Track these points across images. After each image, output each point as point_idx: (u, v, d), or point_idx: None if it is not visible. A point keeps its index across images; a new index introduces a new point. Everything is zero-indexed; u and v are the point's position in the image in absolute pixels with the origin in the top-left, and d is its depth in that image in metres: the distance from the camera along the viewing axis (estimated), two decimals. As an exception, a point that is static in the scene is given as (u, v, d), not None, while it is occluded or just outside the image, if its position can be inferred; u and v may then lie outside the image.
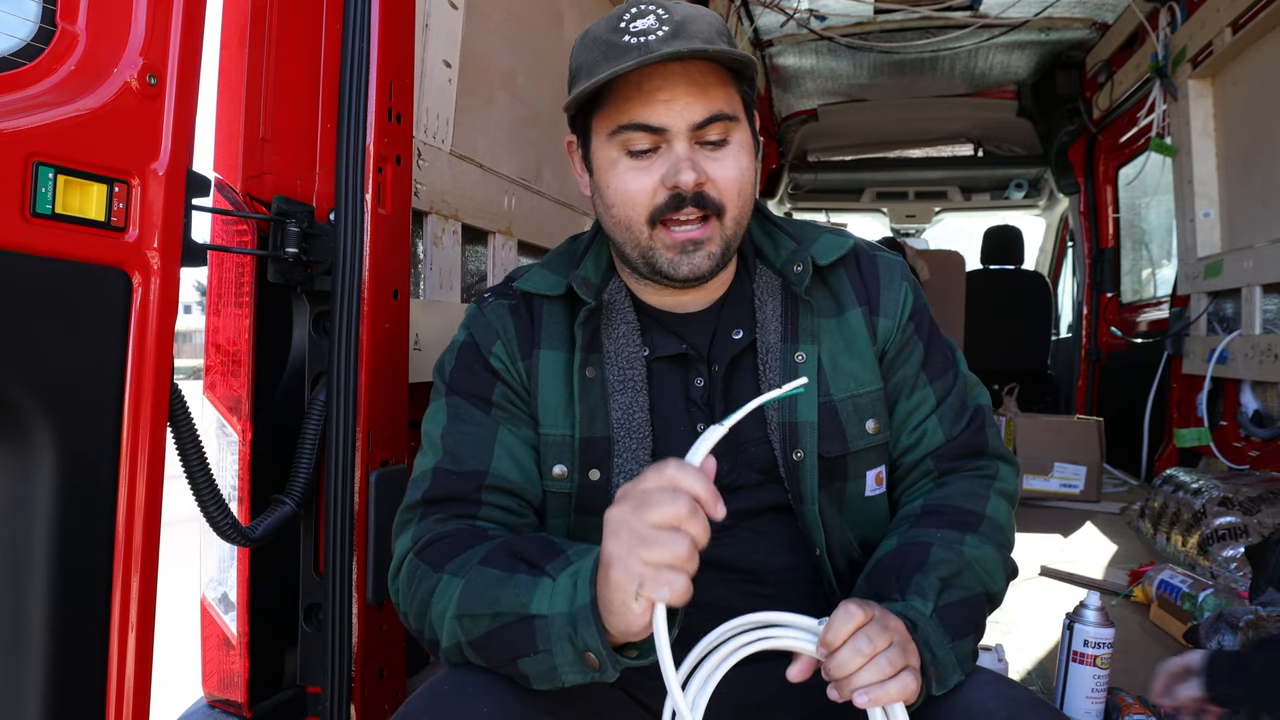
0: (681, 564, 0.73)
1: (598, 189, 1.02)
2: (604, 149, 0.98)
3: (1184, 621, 1.80)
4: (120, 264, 0.88)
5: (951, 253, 4.53)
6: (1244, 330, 2.87)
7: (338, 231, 1.22)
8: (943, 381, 1.09)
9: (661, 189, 0.96)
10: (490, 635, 0.85)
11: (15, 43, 0.82)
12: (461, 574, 0.89)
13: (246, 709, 1.23)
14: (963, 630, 0.91)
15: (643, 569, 0.73)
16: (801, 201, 6.27)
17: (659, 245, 0.98)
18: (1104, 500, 3.32)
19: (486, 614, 0.85)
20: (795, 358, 1.03)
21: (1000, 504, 1.04)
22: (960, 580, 0.95)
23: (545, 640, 0.81)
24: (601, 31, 0.97)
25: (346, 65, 1.24)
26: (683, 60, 0.93)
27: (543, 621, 0.81)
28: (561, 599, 0.81)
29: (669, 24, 0.93)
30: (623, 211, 0.98)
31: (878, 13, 3.84)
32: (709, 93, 0.95)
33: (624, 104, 0.95)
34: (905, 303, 1.09)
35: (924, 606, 0.91)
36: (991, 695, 0.85)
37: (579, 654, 0.80)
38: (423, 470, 1.02)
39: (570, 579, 0.82)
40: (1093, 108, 4.37)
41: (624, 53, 0.92)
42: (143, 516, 0.91)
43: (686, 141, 0.95)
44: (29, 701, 0.83)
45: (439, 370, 1.08)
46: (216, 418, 1.23)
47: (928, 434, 1.07)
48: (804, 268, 1.05)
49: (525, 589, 0.84)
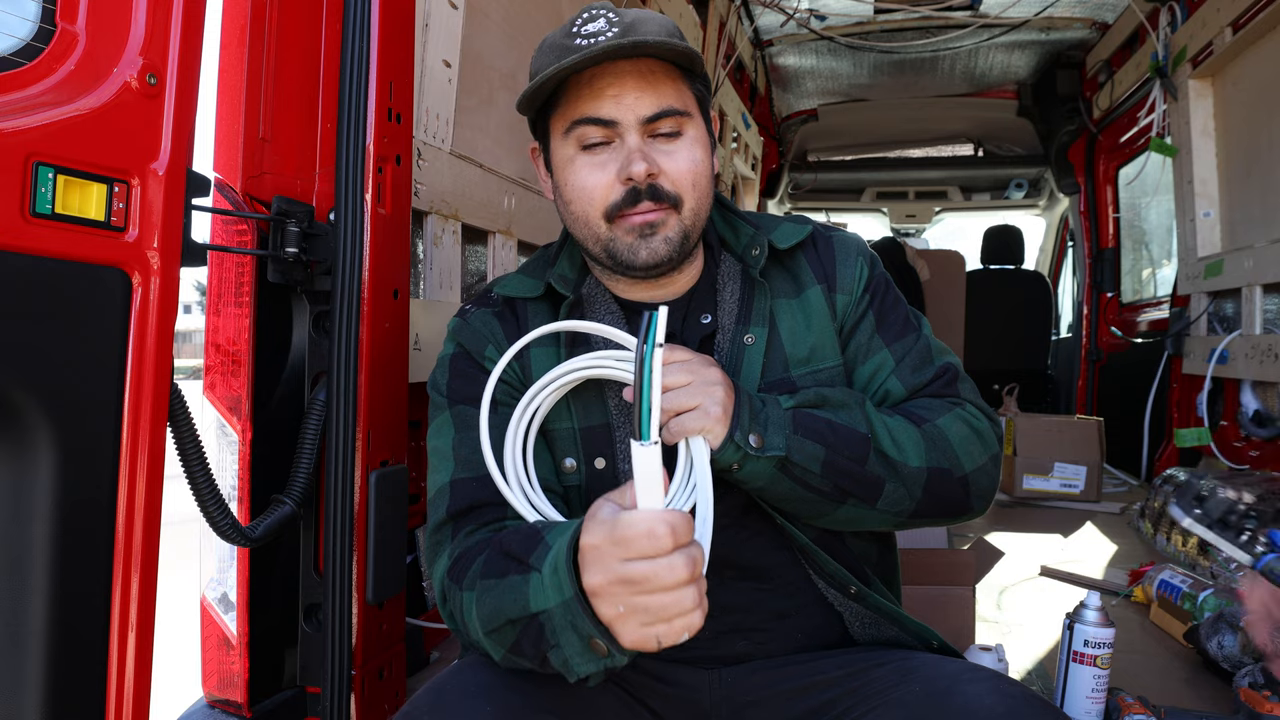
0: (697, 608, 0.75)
1: (557, 188, 1.05)
2: (560, 147, 1.02)
3: (1184, 621, 1.80)
4: (120, 264, 0.88)
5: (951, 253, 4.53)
6: (1244, 330, 2.87)
7: (338, 231, 1.22)
8: (902, 344, 1.08)
9: (617, 185, 0.98)
10: (519, 640, 0.85)
11: (15, 43, 0.82)
12: (473, 589, 0.89)
13: (246, 709, 1.23)
14: (813, 435, 0.93)
15: (659, 630, 0.75)
16: (801, 201, 6.27)
17: (618, 234, 1.00)
18: (1104, 500, 3.32)
19: (504, 624, 0.85)
20: (744, 340, 1.05)
21: (956, 424, 1.01)
22: (845, 413, 0.97)
23: (553, 634, 0.81)
24: (556, 37, 1.00)
25: (346, 65, 1.23)
26: (631, 59, 0.96)
27: (545, 616, 0.81)
28: (552, 591, 0.81)
29: (618, 25, 0.97)
30: (580, 207, 1.01)
31: (878, 13, 3.84)
32: (658, 88, 0.98)
33: (575, 101, 0.98)
34: (860, 276, 1.10)
35: (785, 400, 0.95)
36: (989, 692, 0.85)
37: (585, 642, 0.80)
38: (440, 486, 1.02)
39: (552, 569, 0.81)
40: (1093, 107, 4.37)
41: (573, 53, 0.95)
42: (143, 516, 0.91)
43: (638, 134, 0.98)
44: (29, 701, 0.83)
45: (434, 387, 1.09)
46: (216, 418, 1.23)
47: (890, 394, 1.07)
48: (760, 250, 1.08)
49: (520, 590, 0.84)
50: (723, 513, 0.98)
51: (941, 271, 4.34)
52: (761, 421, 0.92)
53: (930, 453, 0.98)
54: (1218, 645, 1.59)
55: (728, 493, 0.98)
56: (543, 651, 0.82)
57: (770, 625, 1.04)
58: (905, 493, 0.97)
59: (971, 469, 1.00)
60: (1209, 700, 1.54)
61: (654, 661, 1.03)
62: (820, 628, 1.06)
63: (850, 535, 1.07)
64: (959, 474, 0.99)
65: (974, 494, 1.01)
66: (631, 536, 0.73)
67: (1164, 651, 1.79)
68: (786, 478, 0.94)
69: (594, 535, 0.76)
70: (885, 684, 0.94)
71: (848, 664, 1.00)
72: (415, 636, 1.56)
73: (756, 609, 1.04)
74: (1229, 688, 1.50)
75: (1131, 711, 1.35)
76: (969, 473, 1.00)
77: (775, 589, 1.04)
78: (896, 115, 5.28)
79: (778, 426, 0.93)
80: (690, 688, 1.02)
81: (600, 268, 1.09)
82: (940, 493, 0.98)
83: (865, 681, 0.96)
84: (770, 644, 1.04)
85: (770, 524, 1.03)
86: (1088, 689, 1.38)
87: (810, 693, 0.99)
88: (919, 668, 0.94)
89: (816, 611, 1.05)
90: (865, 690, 0.95)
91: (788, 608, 1.05)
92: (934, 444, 0.99)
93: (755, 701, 1.01)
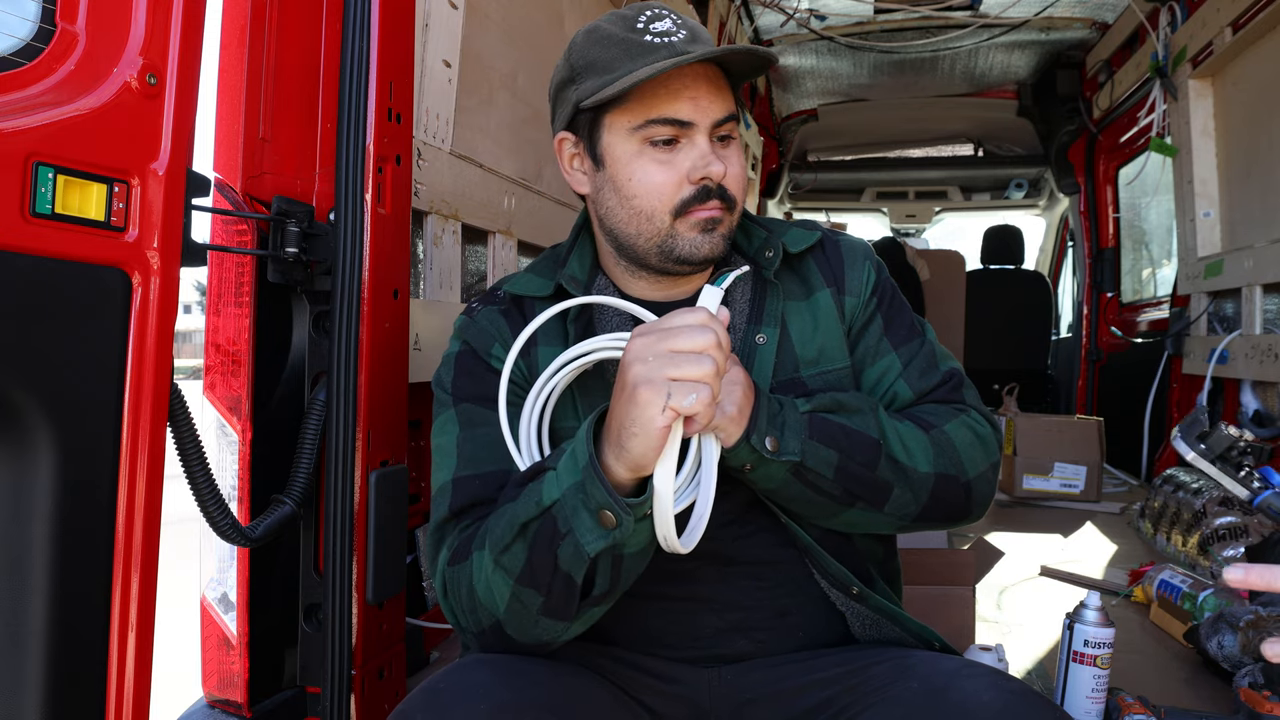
0: (709, 379, 0.79)
1: (613, 182, 1.03)
2: (624, 142, 1.01)
3: (1184, 621, 1.80)
4: (120, 264, 0.88)
5: (951, 253, 4.53)
6: (1244, 330, 2.87)
7: (338, 231, 1.22)
8: (908, 348, 1.10)
9: (686, 183, 1.00)
10: (530, 555, 0.87)
11: (15, 42, 0.82)
12: (481, 547, 0.92)
13: (246, 709, 1.23)
14: (827, 440, 0.95)
15: (670, 384, 0.79)
16: (801, 201, 6.27)
17: (681, 229, 1.01)
18: (1104, 500, 3.32)
19: (515, 538, 0.87)
20: (756, 339, 1.06)
21: (962, 430, 1.03)
22: (859, 418, 0.98)
23: (565, 521, 0.84)
24: (617, 30, 1.00)
25: (346, 65, 1.23)
26: (705, 62, 0.99)
27: (559, 505, 0.84)
28: (566, 474, 0.85)
29: (685, 28, 1.00)
30: (646, 202, 1.01)
31: (878, 12, 3.84)
32: (724, 94, 1.02)
33: (651, 99, 0.98)
34: (868, 280, 1.12)
35: (801, 404, 0.96)
36: (987, 688, 0.85)
37: (595, 517, 0.82)
38: (442, 484, 1.03)
39: (570, 455, 0.86)
40: (1093, 107, 4.37)
41: (650, 51, 0.97)
42: (143, 516, 0.91)
43: (708, 136, 1.00)
44: (29, 701, 0.83)
45: (439, 384, 1.09)
46: (216, 418, 1.23)
47: (898, 397, 1.08)
48: (774, 253, 1.09)
49: (535, 491, 0.87)
50: (726, 509, 0.99)
51: (941, 271, 4.35)
52: (778, 425, 0.93)
53: (938, 458, 0.99)
54: (1218, 645, 1.59)
55: (733, 489, 0.98)
56: (554, 555, 0.85)
57: (771, 623, 1.04)
58: (912, 497, 0.98)
59: (974, 475, 1.02)
60: (1209, 700, 1.55)
61: (653, 660, 1.03)
62: (821, 627, 1.06)
63: (856, 535, 1.07)
64: (963, 479, 1.01)
65: (975, 499, 1.03)
66: (680, 324, 0.81)
67: (1164, 651, 1.79)
68: (798, 481, 0.95)
69: (644, 329, 0.84)
70: (883, 681, 0.94)
71: (846, 662, 1.00)
72: (415, 636, 1.56)
73: (758, 606, 1.04)
74: (1229, 688, 1.50)
75: (1131, 711, 1.35)
76: (972, 479, 1.01)
77: (777, 586, 1.04)
78: (896, 115, 5.28)
79: (794, 431, 0.93)
80: (689, 686, 1.02)
81: (624, 265, 1.09)
82: (944, 497, 1.00)
83: (864, 679, 0.96)
84: (770, 642, 1.04)
85: (774, 521, 1.03)
86: (1088, 689, 1.38)
87: (809, 691, 0.99)
88: (917, 665, 0.94)
89: (818, 610, 1.06)
90: (864, 688, 0.95)
91: (789, 606, 1.05)
92: (941, 450, 1.00)
93: (754, 700, 1.01)
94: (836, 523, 1.01)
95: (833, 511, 0.99)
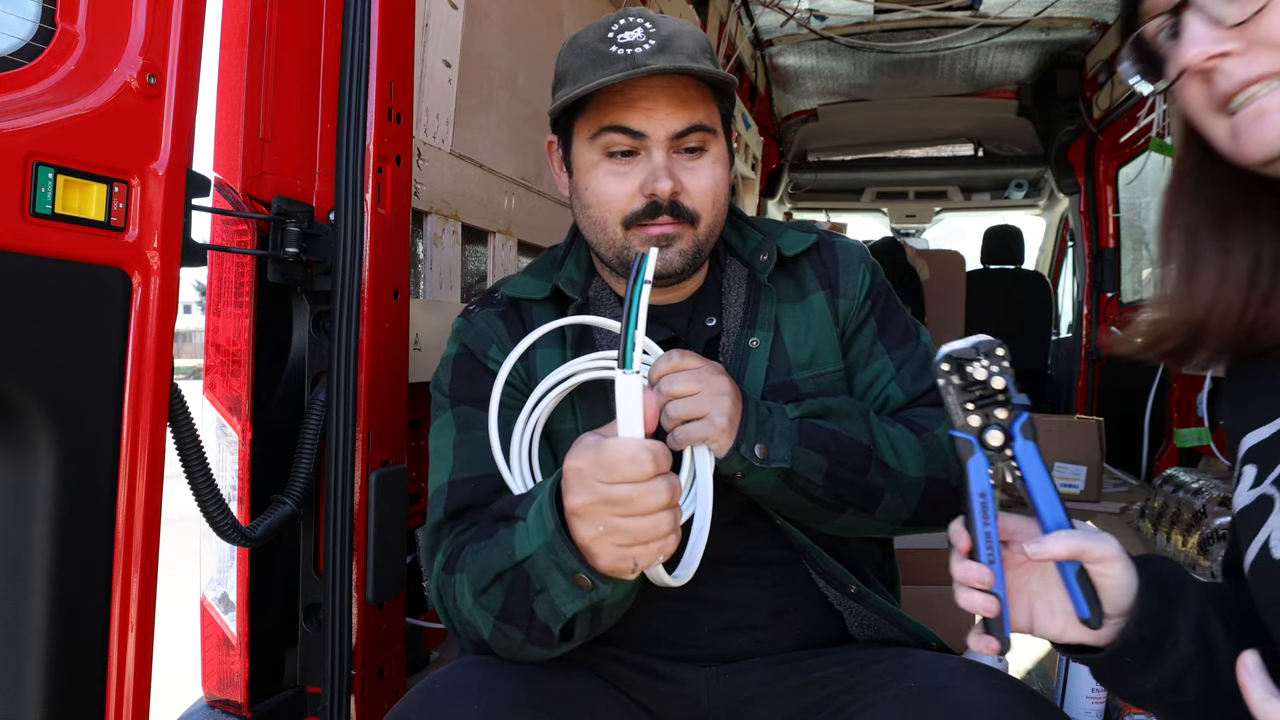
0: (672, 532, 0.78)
1: (576, 190, 1.05)
2: (585, 151, 1.01)
3: (1184, 621, 1.80)
4: (120, 264, 0.88)
5: (951, 253, 4.54)
6: (1244, 330, 2.86)
7: (338, 231, 1.22)
8: (902, 351, 1.10)
9: (639, 196, 0.99)
10: (508, 599, 0.86)
11: (15, 43, 0.82)
12: (465, 569, 0.91)
13: (246, 709, 1.23)
14: (817, 446, 0.94)
15: (635, 551, 0.77)
16: (801, 201, 6.27)
17: (633, 242, 1.01)
18: (1104, 500, 3.31)
19: (492, 580, 0.87)
20: (749, 343, 1.06)
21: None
22: (849, 423, 0.97)
23: (539, 579, 0.83)
24: (590, 39, 1.00)
25: (346, 65, 1.24)
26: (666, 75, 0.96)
27: (530, 561, 0.83)
28: (536, 532, 0.83)
29: (656, 37, 0.97)
30: (599, 213, 1.01)
31: (878, 12, 3.84)
32: (689, 105, 0.99)
33: (607, 109, 0.98)
34: (863, 283, 1.11)
35: (791, 410, 0.96)
36: (985, 687, 0.86)
37: (570, 579, 0.81)
38: (439, 486, 1.03)
39: (536, 511, 0.84)
40: (1093, 107, 4.37)
41: (611, 62, 0.95)
42: (143, 516, 0.91)
43: (665, 150, 0.98)
44: (29, 701, 0.83)
45: (437, 387, 1.09)
46: (216, 418, 1.23)
47: (891, 400, 1.08)
48: (769, 256, 1.09)
49: (506, 541, 0.86)
50: (723, 510, 0.99)
51: (941, 271, 4.35)
52: (767, 432, 0.93)
53: (929, 462, 0.99)
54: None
55: (728, 490, 0.99)
56: (530, 606, 0.84)
57: (769, 622, 1.04)
58: (903, 501, 0.98)
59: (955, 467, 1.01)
60: (1209, 700, 1.54)
61: (652, 659, 1.03)
62: (819, 626, 1.06)
63: (850, 538, 1.07)
64: (955, 483, 1.00)
65: None
66: (616, 460, 0.75)
67: (1164, 651, 1.78)
68: (789, 487, 0.95)
69: (579, 459, 0.78)
70: (882, 680, 0.94)
71: (844, 661, 1.00)
72: (415, 636, 1.56)
73: (755, 605, 1.04)
74: (1229, 688, 1.49)
75: (1131, 712, 1.35)
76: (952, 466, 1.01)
77: (774, 585, 1.05)
78: (896, 115, 5.27)
79: (783, 438, 0.93)
80: (688, 685, 1.03)
81: (610, 270, 1.09)
82: (936, 501, 1.00)
83: (862, 678, 0.96)
84: (769, 641, 1.04)
85: (770, 522, 1.03)
86: (1088, 689, 1.38)
87: (807, 690, 0.99)
88: (915, 664, 0.94)
89: (816, 610, 1.06)
90: (862, 686, 0.95)
91: (787, 605, 1.05)
92: (933, 454, 1.00)
93: (752, 699, 1.01)
94: (829, 527, 1.02)
95: (824, 517, 0.99)
